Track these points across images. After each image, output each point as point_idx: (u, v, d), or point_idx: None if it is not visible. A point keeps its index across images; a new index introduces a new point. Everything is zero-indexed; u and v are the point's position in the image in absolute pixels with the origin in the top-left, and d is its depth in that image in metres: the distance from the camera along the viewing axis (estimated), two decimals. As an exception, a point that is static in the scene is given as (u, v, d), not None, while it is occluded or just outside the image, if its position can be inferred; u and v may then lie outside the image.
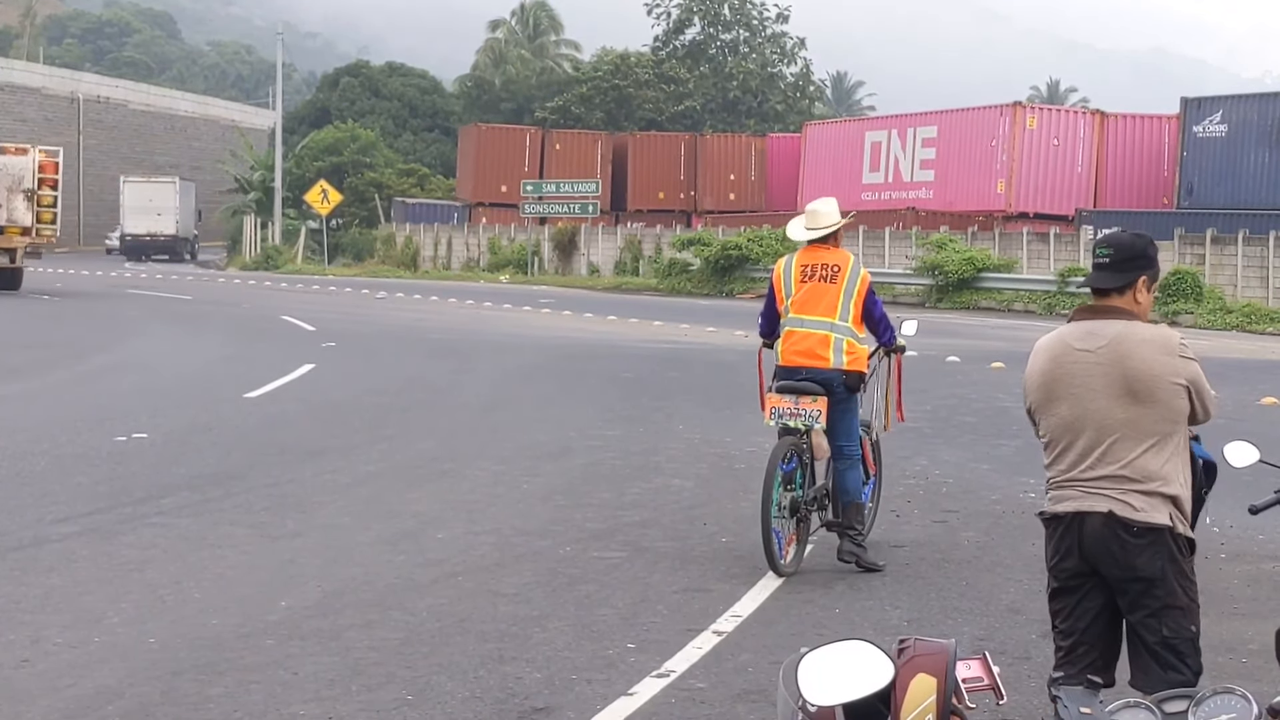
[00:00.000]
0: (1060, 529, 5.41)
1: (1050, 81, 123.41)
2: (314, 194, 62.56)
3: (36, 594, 8.40)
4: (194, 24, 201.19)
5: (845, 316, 9.36)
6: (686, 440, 14.86)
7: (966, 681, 3.67)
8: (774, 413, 9.39)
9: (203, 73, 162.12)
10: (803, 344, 9.39)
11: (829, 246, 9.52)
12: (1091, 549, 5.30)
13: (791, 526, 9.35)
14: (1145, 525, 5.23)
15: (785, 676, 3.63)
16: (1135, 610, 5.28)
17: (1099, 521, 5.28)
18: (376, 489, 11.97)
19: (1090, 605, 5.38)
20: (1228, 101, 45.47)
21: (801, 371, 9.35)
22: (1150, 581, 5.24)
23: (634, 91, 79.50)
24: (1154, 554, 5.23)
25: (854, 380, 9.41)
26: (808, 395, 9.27)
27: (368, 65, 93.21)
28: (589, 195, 57.90)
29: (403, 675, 7.02)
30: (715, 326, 31.24)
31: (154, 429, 14.83)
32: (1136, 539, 5.23)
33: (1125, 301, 5.37)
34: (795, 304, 9.44)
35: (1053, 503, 5.45)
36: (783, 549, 9.22)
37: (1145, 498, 5.25)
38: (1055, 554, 5.44)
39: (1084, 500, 5.32)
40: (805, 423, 9.29)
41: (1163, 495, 5.25)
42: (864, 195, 51.56)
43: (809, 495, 9.42)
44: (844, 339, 9.36)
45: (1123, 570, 5.26)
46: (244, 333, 28.15)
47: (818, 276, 9.41)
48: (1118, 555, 5.25)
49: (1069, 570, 5.39)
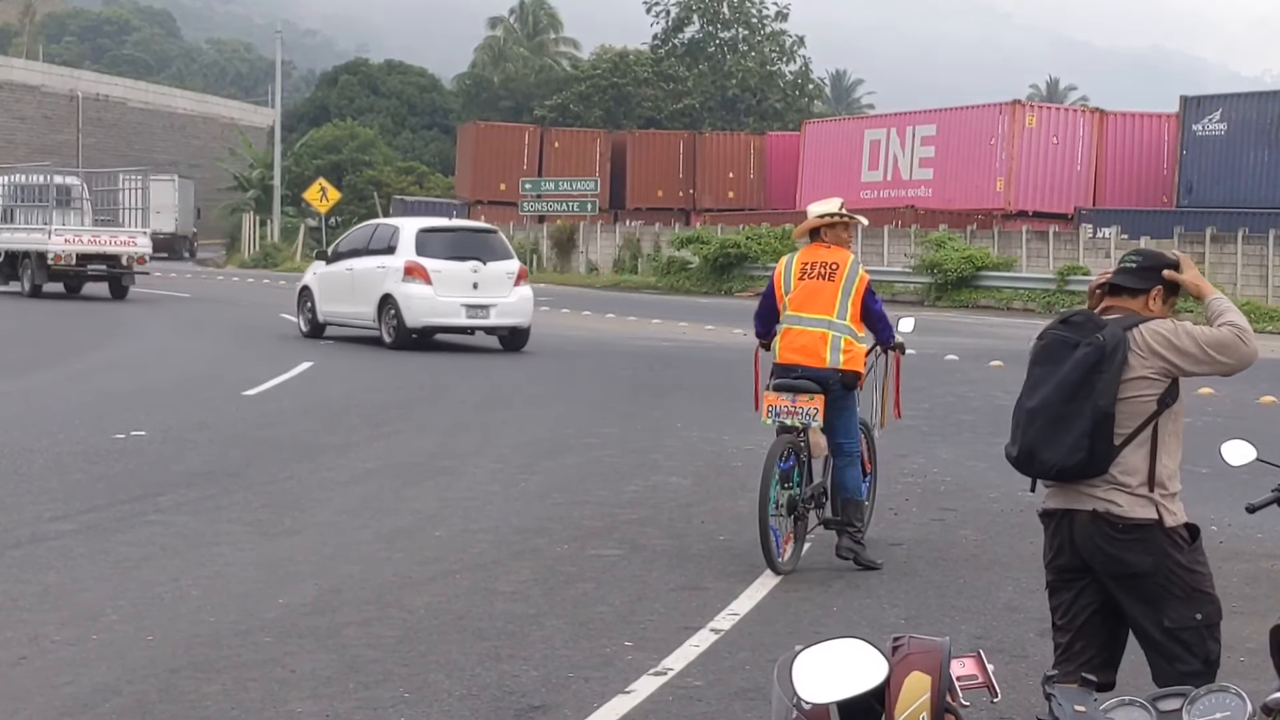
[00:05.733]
0: (1052, 525, 5.46)
1: (1049, 80, 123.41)
2: (313, 192, 62.49)
3: (34, 591, 8.40)
4: (193, 22, 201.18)
5: (843, 315, 9.37)
6: (684, 438, 14.86)
7: (961, 679, 3.67)
8: (771, 411, 9.38)
9: (202, 70, 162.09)
10: (799, 341, 9.40)
11: (830, 245, 9.53)
12: (1082, 546, 5.34)
13: (789, 524, 9.36)
14: (1132, 522, 5.26)
15: (780, 674, 3.63)
16: (1133, 605, 5.31)
17: (1086, 520, 5.32)
18: (374, 487, 11.97)
19: (1087, 601, 5.40)
20: (1227, 100, 45.49)
21: (798, 370, 9.35)
22: (1141, 576, 5.27)
23: (633, 90, 79.57)
24: (1144, 550, 5.25)
25: (850, 379, 9.41)
26: (804, 393, 9.27)
27: (367, 63, 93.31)
28: (588, 193, 57.93)
29: (400, 673, 7.02)
30: (714, 325, 31.25)
31: (152, 426, 14.83)
32: (1124, 535, 5.26)
33: (1137, 304, 5.41)
34: (793, 301, 9.46)
35: (1045, 500, 5.50)
36: (780, 547, 9.22)
37: (1130, 495, 5.28)
38: (1049, 550, 5.49)
39: (1071, 499, 5.38)
40: (802, 421, 9.29)
41: (1148, 491, 5.29)
42: (863, 193, 51.55)
43: (806, 493, 9.43)
44: (841, 337, 9.36)
45: (1114, 566, 5.29)
46: (242, 330, 28.15)
47: (816, 274, 9.42)
48: (1107, 552, 5.29)
49: (1063, 566, 5.43)
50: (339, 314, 25.71)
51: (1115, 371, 5.22)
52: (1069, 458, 5.26)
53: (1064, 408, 5.26)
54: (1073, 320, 5.43)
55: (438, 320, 23.99)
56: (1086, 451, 5.24)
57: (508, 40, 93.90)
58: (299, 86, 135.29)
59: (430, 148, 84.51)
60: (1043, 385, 5.34)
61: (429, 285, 23.65)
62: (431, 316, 23.87)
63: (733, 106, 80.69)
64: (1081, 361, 5.25)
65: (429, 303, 23.70)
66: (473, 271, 23.76)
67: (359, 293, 24.74)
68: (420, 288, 23.69)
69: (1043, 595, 8.79)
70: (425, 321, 23.97)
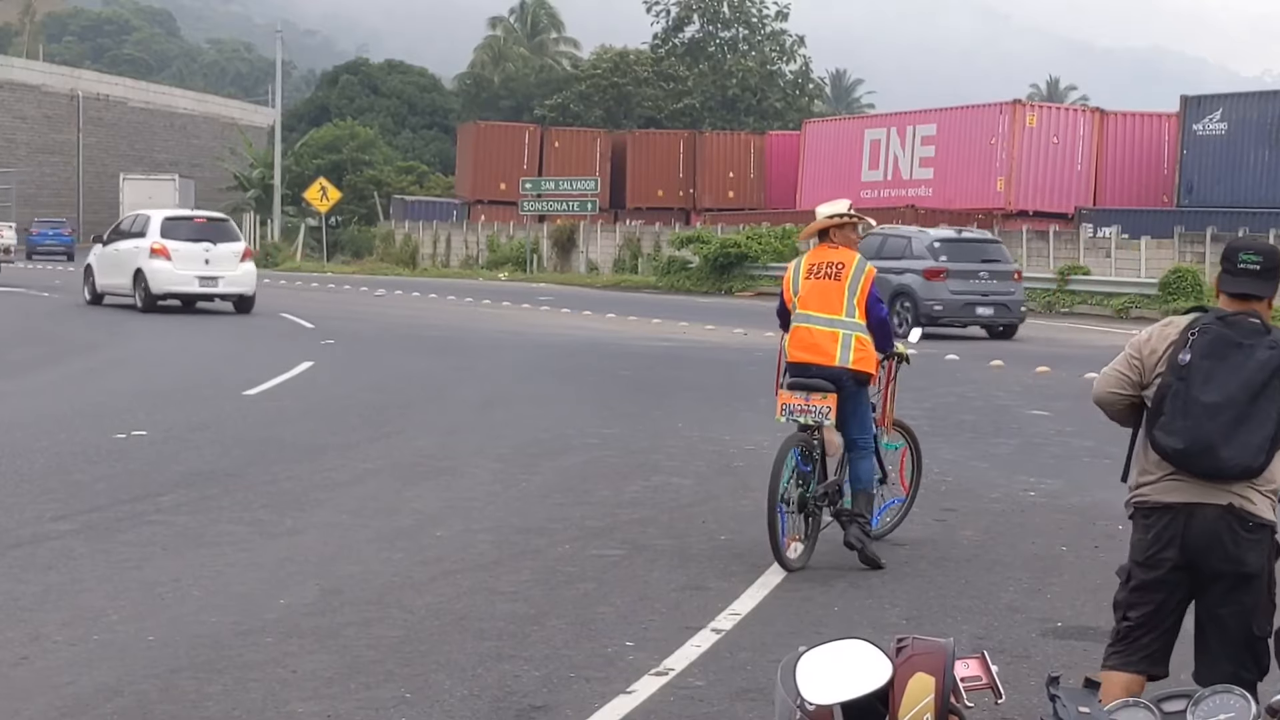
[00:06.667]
0: (1166, 519, 5.43)
1: (1050, 79, 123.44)
2: (313, 191, 62.57)
3: (35, 591, 8.39)
4: (193, 21, 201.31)
5: (851, 313, 9.48)
6: (685, 438, 14.85)
7: (965, 680, 3.67)
8: (785, 409, 9.51)
9: (202, 70, 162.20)
10: (809, 339, 9.52)
11: (837, 246, 9.66)
12: (1201, 540, 5.33)
13: (799, 522, 9.41)
14: (1261, 522, 5.31)
15: (783, 675, 3.63)
16: (1228, 607, 5.33)
17: (1215, 514, 5.31)
18: (375, 487, 11.97)
19: (1171, 598, 5.44)
20: (1227, 100, 45.49)
21: (811, 369, 9.46)
22: (1251, 578, 5.31)
23: (633, 89, 79.60)
24: (1260, 551, 5.31)
25: (863, 377, 9.55)
26: (818, 392, 9.39)
27: (367, 63, 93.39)
28: (588, 193, 57.87)
29: (401, 673, 7.01)
30: (714, 324, 31.23)
31: (153, 426, 14.83)
32: (1250, 534, 5.30)
33: (1262, 307, 5.42)
34: (801, 300, 9.60)
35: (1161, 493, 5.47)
36: (786, 543, 9.26)
37: (1263, 496, 5.34)
38: (1153, 543, 5.45)
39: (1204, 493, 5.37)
40: (814, 419, 9.40)
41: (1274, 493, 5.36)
42: (863, 193, 51.52)
43: (819, 491, 9.49)
44: (852, 335, 9.47)
45: (1232, 564, 5.30)
46: (243, 330, 28.14)
47: (822, 274, 9.55)
48: (1229, 548, 5.30)
49: (1169, 561, 5.41)
50: (110, 285, 32.18)
51: None
52: (1255, 458, 5.25)
53: (1250, 408, 5.23)
54: (1230, 320, 5.37)
55: (176, 289, 30.69)
56: (1267, 455, 5.26)
57: (508, 40, 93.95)
58: (299, 86, 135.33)
59: (430, 147, 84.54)
60: (1220, 380, 5.28)
61: (169, 261, 30.32)
62: (171, 286, 30.57)
63: (733, 106, 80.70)
64: (1267, 363, 5.24)
65: (169, 275, 30.41)
66: (205, 251, 30.40)
67: (121, 268, 31.43)
68: (162, 263, 30.36)
69: (1045, 595, 8.84)
70: (166, 289, 30.64)
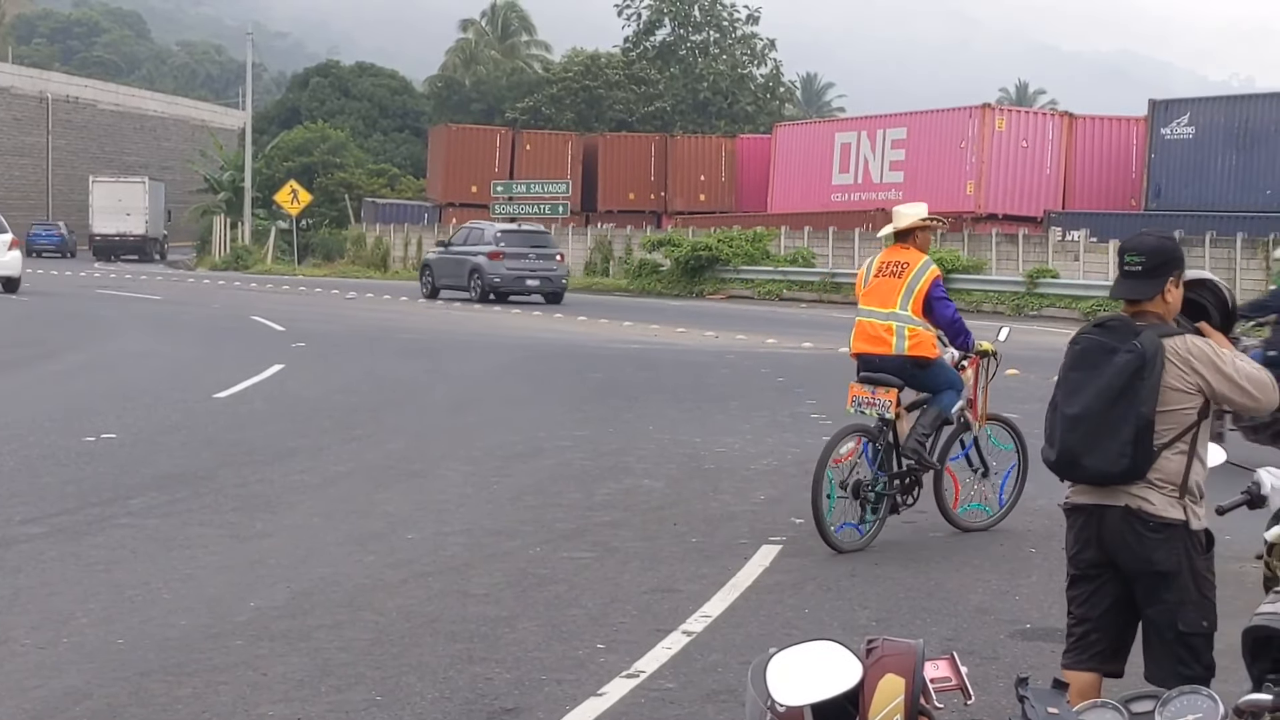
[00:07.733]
0: (1080, 520, 5.50)
1: (1019, 83, 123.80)
2: (284, 194, 62.32)
3: (4, 595, 8.36)
4: (163, 23, 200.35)
5: (905, 306, 10.13)
6: (656, 440, 14.87)
7: (934, 681, 3.69)
8: (855, 401, 10.30)
9: (172, 72, 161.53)
10: (870, 331, 10.28)
11: (908, 247, 10.33)
12: (1110, 541, 5.40)
13: (853, 506, 10.01)
14: (1163, 521, 5.33)
15: (754, 676, 3.64)
16: (1151, 605, 5.38)
17: (1117, 516, 5.36)
18: (346, 489, 11.95)
19: (1105, 595, 5.48)
20: (1195, 104, 45.69)
21: (874, 360, 10.21)
22: (1164, 576, 5.34)
23: (604, 92, 79.51)
24: (1169, 549, 5.33)
25: (922, 361, 10.22)
26: (884, 386, 10.15)
27: (337, 65, 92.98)
28: (559, 196, 57.73)
29: (372, 676, 7.01)
30: (685, 327, 31.27)
31: (122, 429, 14.78)
32: (1154, 534, 5.33)
33: (1156, 305, 5.43)
34: (864, 297, 10.38)
35: (1076, 494, 5.53)
36: (830, 521, 9.83)
37: (1164, 495, 5.34)
38: (1074, 544, 5.54)
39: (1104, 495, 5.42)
40: (879, 412, 10.14)
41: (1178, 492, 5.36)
42: (834, 196, 51.68)
43: (880, 480, 10.06)
44: (905, 326, 10.14)
45: (1140, 563, 5.35)
46: (213, 333, 28.07)
47: (888, 272, 10.27)
48: (1135, 549, 5.34)
49: (1088, 560, 5.49)
50: None
51: (1156, 379, 5.26)
52: (1114, 464, 5.30)
53: (1107, 414, 5.27)
54: (1109, 325, 5.43)
55: None
56: (1130, 458, 5.28)
57: (479, 43, 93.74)
58: (270, 89, 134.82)
59: (401, 150, 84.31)
60: (1082, 391, 5.35)
61: None
62: None
63: (704, 109, 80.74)
64: (1124, 368, 5.26)
65: None
66: None
67: None
68: None
69: (1014, 597, 8.88)
70: None
